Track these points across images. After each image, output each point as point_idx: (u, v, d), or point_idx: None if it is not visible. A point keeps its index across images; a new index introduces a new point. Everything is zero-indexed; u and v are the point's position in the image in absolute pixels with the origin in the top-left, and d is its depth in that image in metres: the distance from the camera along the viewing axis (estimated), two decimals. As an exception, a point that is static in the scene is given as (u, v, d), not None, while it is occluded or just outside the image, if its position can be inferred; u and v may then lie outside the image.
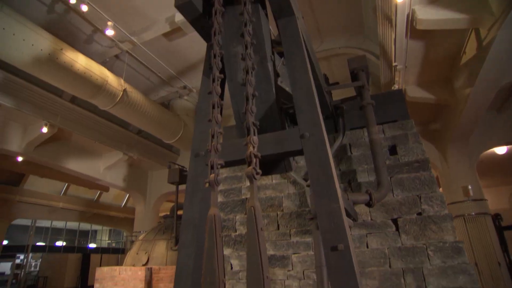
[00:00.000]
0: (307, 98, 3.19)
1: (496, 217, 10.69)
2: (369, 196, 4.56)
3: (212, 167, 2.73)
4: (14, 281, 22.11)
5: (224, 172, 6.36)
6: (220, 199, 6.13)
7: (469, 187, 9.88)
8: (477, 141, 10.30)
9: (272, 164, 3.69)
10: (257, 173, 2.53)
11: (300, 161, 5.90)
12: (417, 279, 4.62)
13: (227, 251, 5.60)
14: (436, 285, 4.52)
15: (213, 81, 2.81)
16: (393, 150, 5.60)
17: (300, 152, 3.02)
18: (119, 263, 25.20)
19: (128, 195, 25.43)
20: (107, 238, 31.03)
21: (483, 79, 6.80)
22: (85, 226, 27.23)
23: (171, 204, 24.08)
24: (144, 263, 8.34)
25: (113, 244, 30.62)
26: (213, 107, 2.92)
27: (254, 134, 2.62)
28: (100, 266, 23.15)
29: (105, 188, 19.69)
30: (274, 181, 5.88)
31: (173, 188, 16.18)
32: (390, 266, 4.77)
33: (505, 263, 9.51)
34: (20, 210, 20.28)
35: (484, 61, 6.31)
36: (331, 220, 2.65)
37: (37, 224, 23.42)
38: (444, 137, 10.39)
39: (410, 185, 5.17)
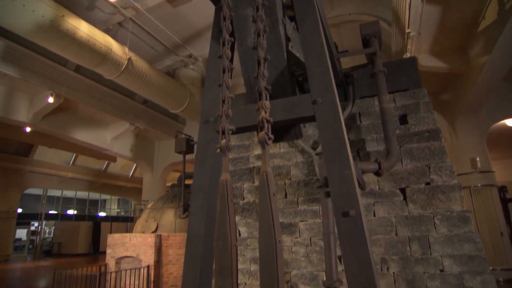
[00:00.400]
0: (319, 63, 3.08)
1: (501, 189, 10.70)
2: (378, 165, 4.53)
3: (223, 133, 2.70)
4: (30, 246, 23.11)
5: (231, 141, 6.33)
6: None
7: (477, 159, 9.81)
8: (488, 112, 10.10)
9: (282, 131, 3.63)
10: (269, 138, 2.49)
11: (309, 130, 5.84)
12: (423, 246, 4.69)
13: (235, 219, 5.70)
14: (441, 253, 4.59)
15: (223, 44, 2.71)
16: (403, 120, 5.50)
17: (312, 118, 2.95)
18: (128, 230, 26.06)
19: (135, 165, 25.83)
20: (116, 207, 31.91)
21: (501, 46, 6.51)
22: (94, 195, 27.95)
23: (178, 174, 24.49)
24: (153, 230, 8.58)
25: (122, 213, 31.54)
26: (224, 72, 2.83)
27: (266, 99, 2.55)
28: (111, 233, 24.03)
29: (112, 158, 19.97)
30: (282, 149, 5.86)
31: (179, 157, 16.38)
32: (396, 234, 4.83)
33: (507, 233, 9.63)
34: (31, 180, 20.79)
35: (505, 26, 6.00)
36: (343, 186, 2.64)
37: (48, 194, 24.10)
38: (454, 108, 10.18)
39: (419, 155, 5.12)
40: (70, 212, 26.24)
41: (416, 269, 4.59)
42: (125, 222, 27.92)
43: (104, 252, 23.79)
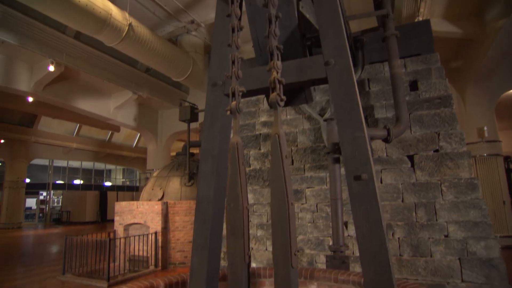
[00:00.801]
0: (332, 23, 2.92)
1: (507, 159, 10.67)
2: (387, 131, 4.47)
3: (233, 95, 2.62)
4: (40, 214, 23.78)
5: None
6: (233, 136, 6.12)
7: (485, 128, 9.70)
8: (499, 81, 9.82)
9: (292, 94, 3.54)
10: (282, 100, 2.42)
11: (316, 96, 5.72)
12: (429, 213, 4.72)
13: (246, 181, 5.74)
14: (447, 219, 4.63)
15: (232, 2, 2.56)
16: (413, 86, 5.36)
17: (324, 81, 2.85)
18: (134, 199, 26.62)
19: (139, 135, 25.91)
20: (121, 177, 32.42)
21: (520, 8, 6.21)
22: (99, 165, 28.30)
23: (182, 143, 24.60)
24: (159, 198, 8.71)
25: (127, 182, 32.08)
26: (233, 31, 2.70)
27: (278, 59, 2.44)
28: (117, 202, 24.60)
29: (116, 128, 19.98)
30: (288, 116, 5.78)
31: (183, 127, 16.35)
32: (402, 201, 4.86)
33: (510, 202, 9.71)
34: (37, 151, 21.01)
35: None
36: (355, 149, 2.59)
37: (54, 164, 24.42)
38: (465, 76, 9.91)
39: (429, 121, 5.03)
40: (77, 182, 26.71)
41: (421, 234, 4.66)
42: (131, 191, 28.48)
43: (112, 220, 24.40)
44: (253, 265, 5.26)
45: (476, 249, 4.40)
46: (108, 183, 30.36)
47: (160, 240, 7.81)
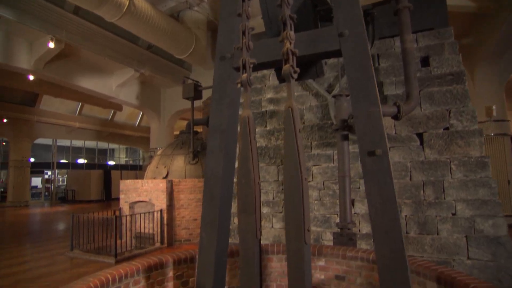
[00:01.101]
0: (347, -10, 2.77)
1: (512, 139, 10.55)
2: (397, 108, 4.35)
3: (244, 67, 2.51)
4: (46, 193, 24.09)
5: (242, 86, 6.12)
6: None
7: (493, 107, 9.53)
8: (511, 59, 9.55)
9: (303, 68, 3.40)
10: (295, 72, 2.32)
11: (326, 70, 5.57)
12: (437, 191, 4.69)
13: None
14: (455, 197, 4.60)
15: (241, -31, 2.42)
16: (425, 62, 5.20)
17: (337, 53, 2.74)
18: (137, 178, 26.87)
19: (141, 114, 25.80)
20: (124, 156, 32.58)
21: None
22: (103, 145, 28.37)
23: (185, 122, 24.44)
24: (164, 176, 8.73)
25: (131, 161, 32.27)
26: (243, 0, 2.57)
27: (291, 29, 2.32)
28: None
29: (118, 107, 19.86)
30: (295, 93, 5.65)
31: (186, 105, 16.25)
32: (410, 179, 4.81)
33: (514, 181, 9.69)
34: (40, 130, 21.02)
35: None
36: (370, 124, 2.51)
37: (58, 144, 24.50)
38: (475, 53, 9.63)
39: (440, 98, 4.91)
40: (80, 161, 26.87)
41: (428, 212, 4.64)
42: (134, 170, 28.69)
43: (116, 199, 24.70)
44: (259, 242, 5.30)
45: (484, 227, 4.39)
46: (111, 162, 30.56)
47: (165, 218, 7.88)
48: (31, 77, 12.49)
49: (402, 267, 2.33)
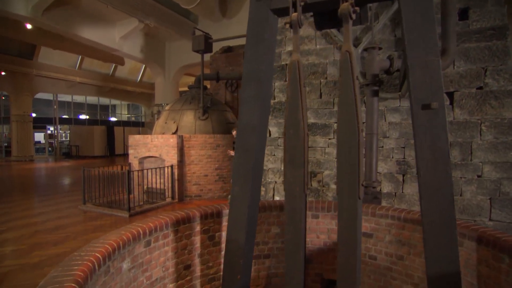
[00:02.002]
0: None
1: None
2: (389, 62, 4.09)
3: (294, 5, 2.22)
4: (49, 149, 24.12)
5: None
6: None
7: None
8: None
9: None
10: (354, 11, 2.04)
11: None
12: (464, 152, 4.54)
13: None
14: (483, 159, 4.46)
15: None
16: (463, 15, 4.78)
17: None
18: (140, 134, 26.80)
19: (142, 69, 25.10)
20: (126, 112, 32.26)
21: None
22: (104, 101, 27.93)
23: (190, 78, 23.80)
24: (173, 131, 8.56)
25: (133, 118, 32.03)
26: None
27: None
28: (124, 137, 24.74)
29: (120, 61, 19.20)
30: (318, 46, 5.30)
31: (192, 60, 15.67)
32: (437, 139, 4.64)
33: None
34: (40, 84, 20.50)
35: None
36: (427, 74, 2.25)
37: (59, 99, 24.05)
38: None
39: (476, 56, 4.58)
40: (83, 117, 26.60)
41: (453, 174, 4.53)
42: (136, 127, 28.55)
43: (120, 155, 24.76)
44: (277, 198, 5.27)
45: (510, 190, 4.30)
46: (113, 119, 30.32)
47: (176, 173, 7.84)
48: (29, 26, 11.82)
49: (451, 225, 2.21)
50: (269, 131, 5.44)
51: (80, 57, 21.05)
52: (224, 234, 3.34)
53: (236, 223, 2.71)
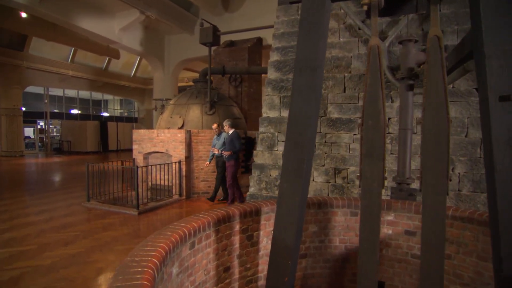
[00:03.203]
0: None
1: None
2: None
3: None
4: (39, 144, 23.39)
5: (280, 28, 5.53)
6: (275, 57, 5.49)
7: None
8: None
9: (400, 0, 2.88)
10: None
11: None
12: None
13: (286, 113, 5.31)
14: (513, 155, 4.37)
15: None
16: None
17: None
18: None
19: (137, 63, 24.55)
20: (119, 108, 31.58)
21: None
22: (97, 95, 27.26)
23: (188, 73, 23.32)
24: (179, 126, 8.28)
25: (125, 113, 31.39)
26: None
27: None
28: (117, 133, 24.19)
29: (115, 55, 18.66)
30: (341, 39, 5.13)
31: (191, 54, 15.30)
32: (466, 136, 4.53)
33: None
34: (31, 77, 19.80)
35: None
36: (505, 64, 2.11)
37: (50, 93, 23.30)
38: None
39: (507, 49, 4.47)
40: (74, 111, 25.90)
41: (484, 171, 4.42)
42: (130, 122, 27.96)
43: (113, 150, 24.20)
44: (299, 196, 5.09)
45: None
46: (106, 114, 29.64)
47: (184, 170, 7.59)
48: (24, 15, 11.29)
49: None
50: (290, 126, 5.24)
51: (72, 50, 20.41)
52: (262, 233, 3.15)
53: (285, 222, 2.53)
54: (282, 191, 2.54)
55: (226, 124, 6.84)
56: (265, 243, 3.18)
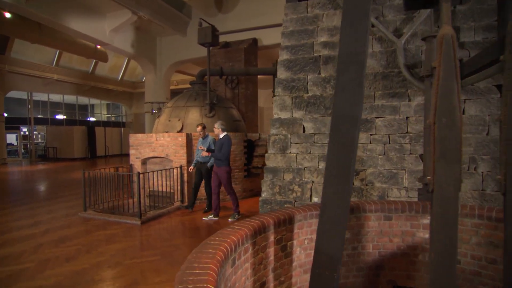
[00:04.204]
0: None
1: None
2: None
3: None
4: (23, 151, 22.42)
5: (289, 26, 5.32)
6: (285, 56, 5.28)
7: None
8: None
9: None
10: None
11: (388, 14, 4.87)
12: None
13: (298, 114, 5.09)
14: (534, 153, 4.27)
15: None
16: None
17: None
18: (122, 135, 25.61)
19: (124, 67, 23.97)
20: (105, 112, 30.76)
21: None
22: (83, 100, 26.44)
23: (181, 76, 22.79)
24: (178, 130, 7.96)
25: (113, 118, 30.59)
26: None
27: None
28: (105, 138, 23.48)
29: (103, 58, 18.09)
30: (354, 37, 4.95)
31: (184, 56, 14.92)
32: (487, 134, 4.41)
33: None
34: (13, 82, 19.00)
35: None
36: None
37: (34, 98, 22.41)
38: None
39: (524, 45, 4.39)
40: (60, 117, 25.01)
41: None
42: (117, 127, 27.24)
43: (102, 156, 23.47)
44: (315, 199, 4.87)
45: None
46: (92, 119, 28.80)
47: (185, 175, 7.27)
48: (8, 15, 10.71)
49: None
50: (303, 127, 5.03)
51: (57, 53, 19.71)
52: (295, 242, 2.91)
53: (330, 231, 2.31)
54: (326, 197, 2.32)
55: (218, 126, 6.10)
56: (298, 253, 2.94)
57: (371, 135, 4.74)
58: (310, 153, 4.96)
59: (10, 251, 4.48)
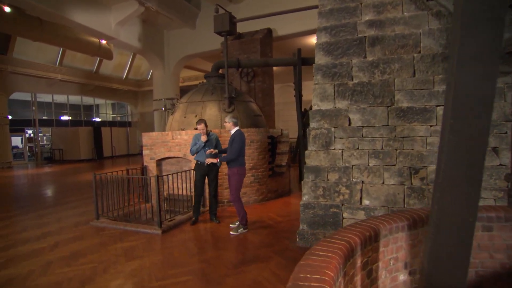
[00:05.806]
0: None
1: None
2: None
3: None
4: (29, 153, 21.97)
5: (326, 4, 4.62)
6: (324, 38, 4.59)
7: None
8: None
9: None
10: None
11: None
12: None
13: (342, 104, 4.41)
14: None
15: None
16: None
17: None
18: (128, 135, 25.08)
19: (128, 65, 23.38)
20: (111, 112, 30.24)
21: None
22: (88, 100, 25.91)
23: (190, 71, 22.11)
24: (195, 126, 7.31)
25: (118, 118, 30.06)
26: None
27: None
28: (111, 139, 22.93)
29: (108, 55, 17.47)
30: (406, 13, 4.25)
31: (193, 51, 14.19)
32: None
33: None
34: (17, 83, 18.49)
35: None
36: None
37: (38, 99, 21.90)
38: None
39: None
40: (65, 118, 24.50)
41: None
42: (124, 127, 26.70)
43: (109, 157, 22.99)
44: (366, 202, 4.20)
45: None
46: (98, 119, 28.28)
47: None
48: (7, 9, 10.09)
49: None
50: (349, 119, 4.35)
51: (60, 52, 19.14)
52: (380, 265, 2.24)
53: (450, 258, 1.68)
54: (443, 207, 1.69)
55: (229, 120, 5.20)
56: (383, 278, 2.28)
57: (431, 126, 4.05)
58: (358, 149, 4.28)
59: (15, 272, 3.86)
